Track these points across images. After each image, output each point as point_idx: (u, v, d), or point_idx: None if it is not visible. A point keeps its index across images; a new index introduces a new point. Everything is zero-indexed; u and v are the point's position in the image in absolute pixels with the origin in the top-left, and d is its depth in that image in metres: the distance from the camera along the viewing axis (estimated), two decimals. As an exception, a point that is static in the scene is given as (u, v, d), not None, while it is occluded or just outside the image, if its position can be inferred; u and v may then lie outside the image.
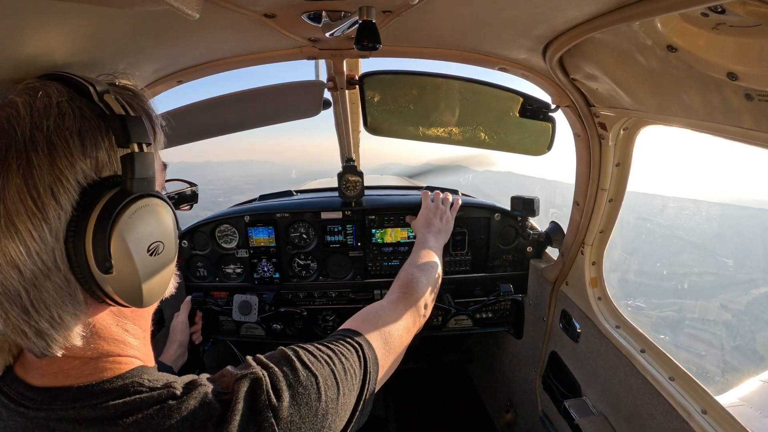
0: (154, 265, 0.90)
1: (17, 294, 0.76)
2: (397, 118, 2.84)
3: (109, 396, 0.85)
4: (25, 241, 0.74)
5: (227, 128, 2.91)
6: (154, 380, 0.90)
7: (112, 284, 0.83)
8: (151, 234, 0.89)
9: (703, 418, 1.85)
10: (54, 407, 0.84)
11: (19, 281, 0.76)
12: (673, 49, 1.34)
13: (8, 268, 0.75)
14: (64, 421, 0.83)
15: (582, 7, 1.35)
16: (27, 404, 0.85)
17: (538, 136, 2.67)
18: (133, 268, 0.85)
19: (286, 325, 3.34)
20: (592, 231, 2.54)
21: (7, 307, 0.78)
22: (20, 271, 0.75)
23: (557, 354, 2.99)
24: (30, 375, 0.89)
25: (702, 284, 18.23)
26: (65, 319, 0.82)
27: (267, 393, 0.94)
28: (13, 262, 0.75)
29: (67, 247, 0.79)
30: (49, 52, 1.15)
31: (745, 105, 1.28)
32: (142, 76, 1.88)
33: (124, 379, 0.88)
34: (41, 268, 0.77)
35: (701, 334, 16.32)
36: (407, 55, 2.20)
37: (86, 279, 0.81)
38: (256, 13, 1.46)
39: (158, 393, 0.87)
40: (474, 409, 4.47)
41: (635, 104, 1.84)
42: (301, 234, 3.33)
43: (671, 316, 16.12)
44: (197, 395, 0.89)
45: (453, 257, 3.37)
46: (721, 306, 17.72)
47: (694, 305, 17.28)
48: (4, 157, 0.74)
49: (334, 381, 1.07)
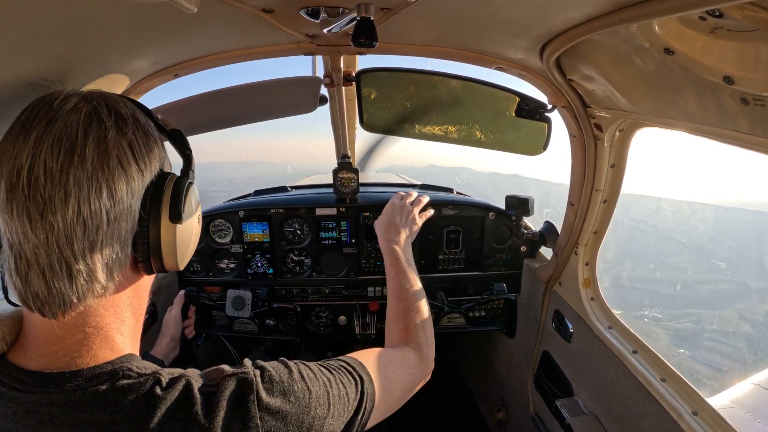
0: (197, 231, 1.18)
1: (98, 225, 0.88)
2: (393, 116, 2.83)
3: (98, 380, 0.90)
4: (128, 180, 0.93)
5: (224, 123, 2.90)
6: (142, 368, 0.96)
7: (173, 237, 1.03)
8: (197, 208, 1.17)
9: (694, 420, 1.86)
10: (45, 391, 0.88)
11: (108, 213, 0.89)
12: (670, 51, 1.34)
13: (108, 197, 0.89)
14: (54, 405, 0.87)
15: (580, 8, 1.35)
16: (20, 388, 0.88)
17: (534, 136, 2.67)
18: (190, 226, 1.11)
19: (279, 321, 3.33)
20: (586, 231, 2.55)
21: (78, 236, 0.87)
22: (114, 204, 0.90)
23: (549, 354, 3.00)
24: (25, 359, 0.93)
25: (719, 293, 18.23)
26: (114, 266, 0.94)
27: (257, 393, 0.98)
28: (113, 193, 0.90)
29: (144, 199, 0.98)
30: (49, 41, 1.15)
31: (741, 109, 1.28)
32: (138, 68, 1.87)
33: (113, 365, 0.94)
34: (126, 208, 0.93)
35: (720, 346, 16.27)
36: (404, 53, 2.20)
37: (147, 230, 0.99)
38: (254, 8, 1.45)
39: (145, 379, 0.93)
40: (466, 408, 4.48)
41: (631, 106, 1.84)
42: (296, 230, 3.32)
43: (690, 328, 16.06)
44: (183, 386, 0.94)
45: (447, 255, 3.37)
46: (739, 316, 17.70)
47: (712, 315, 17.20)
48: (120, 122, 0.94)
49: (327, 401, 1.11)
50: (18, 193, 0.83)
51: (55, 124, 0.87)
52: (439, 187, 3.89)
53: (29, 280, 0.87)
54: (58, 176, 0.84)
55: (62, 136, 0.86)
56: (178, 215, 1.01)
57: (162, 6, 1.02)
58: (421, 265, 3.39)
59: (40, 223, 0.84)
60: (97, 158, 0.87)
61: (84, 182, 0.85)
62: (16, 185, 0.84)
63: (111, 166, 0.89)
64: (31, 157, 0.84)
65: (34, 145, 0.85)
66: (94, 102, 0.93)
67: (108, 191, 0.88)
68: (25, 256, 0.86)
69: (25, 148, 0.85)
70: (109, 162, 0.89)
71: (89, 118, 0.90)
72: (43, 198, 0.83)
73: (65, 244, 0.86)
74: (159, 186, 1.01)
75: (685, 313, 16.79)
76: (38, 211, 0.83)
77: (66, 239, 0.85)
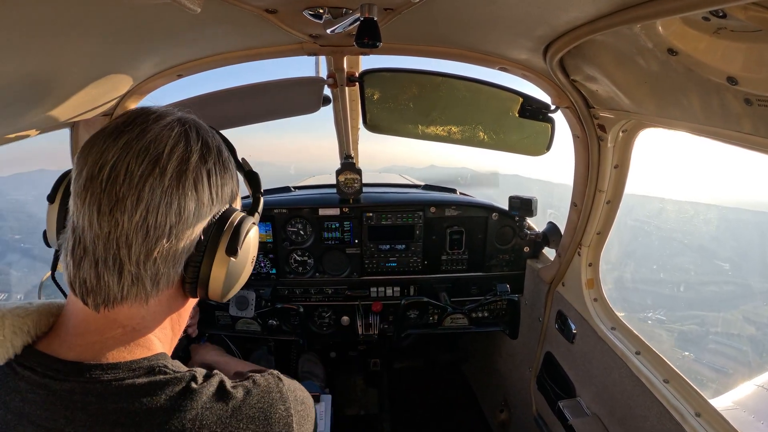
0: (248, 270, 1.17)
1: (159, 236, 0.91)
2: (396, 116, 2.83)
3: (136, 374, 0.94)
4: (199, 203, 0.96)
5: (227, 123, 2.90)
6: (177, 366, 1.00)
7: (224, 269, 1.04)
8: (255, 248, 1.18)
9: (697, 421, 1.86)
10: (80, 380, 0.90)
11: (172, 227, 0.92)
12: (674, 52, 1.34)
13: (176, 212, 0.92)
14: (90, 395, 0.90)
15: (583, 9, 1.35)
16: (53, 375, 0.91)
17: (537, 137, 2.67)
18: (243, 262, 1.11)
19: (282, 322, 3.34)
20: (589, 232, 2.55)
21: (138, 241, 0.90)
22: (179, 220, 0.93)
23: (552, 354, 3.00)
24: (61, 348, 0.95)
25: (722, 294, 18.05)
26: (162, 281, 0.96)
27: (283, 395, 1.08)
28: (183, 210, 0.93)
29: (208, 227, 1.01)
30: (53, 40, 1.15)
31: (745, 109, 1.28)
32: (142, 68, 1.88)
33: (150, 361, 0.97)
34: (190, 227, 0.96)
35: (726, 349, 16.12)
36: (408, 53, 2.20)
37: (201, 256, 1.01)
38: (258, 8, 1.46)
39: (182, 375, 0.97)
40: (469, 409, 4.48)
41: (635, 106, 1.84)
42: (299, 230, 3.33)
43: (694, 330, 15.92)
44: (217, 382, 1.00)
45: (450, 256, 3.38)
46: (744, 318, 17.54)
47: (716, 317, 17.04)
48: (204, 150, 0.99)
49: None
50: (95, 184, 0.87)
51: (146, 135, 0.92)
52: (442, 188, 3.89)
53: (82, 265, 0.90)
54: (136, 181, 0.88)
55: (150, 146, 0.91)
56: (234, 250, 1.04)
57: (165, 6, 1.02)
58: (424, 265, 3.39)
59: (107, 217, 0.88)
60: (176, 175, 0.91)
61: (158, 193, 0.89)
62: (96, 177, 0.88)
63: (186, 186, 0.93)
64: (116, 158, 0.88)
65: (123, 147, 0.89)
66: (186, 125, 0.99)
67: (178, 208, 0.92)
68: (83, 243, 0.90)
69: (114, 148, 0.89)
70: (186, 182, 0.93)
71: (178, 137, 0.95)
72: (117, 196, 0.87)
73: (124, 244, 0.89)
74: (224, 218, 1.04)
75: (690, 315, 16.68)
76: (109, 206, 0.87)
77: (126, 240, 0.89)
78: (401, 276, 3.43)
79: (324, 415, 2.74)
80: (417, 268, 3.42)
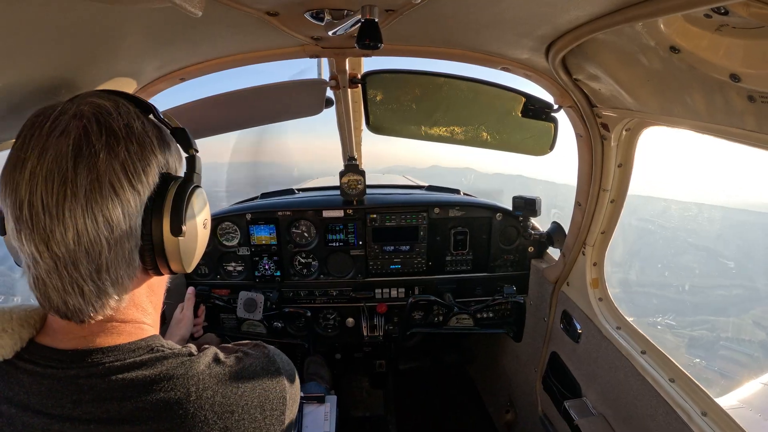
0: (203, 236, 1.17)
1: (100, 251, 0.90)
2: (399, 117, 2.83)
3: (137, 353, 0.99)
4: (123, 204, 0.92)
5: (230, 126, 2.91)
6: (170, 344, 1.06)
7: (177, 247, 1.04)
8: (203, 211, 1.16)
9: (703, 420, 1.85)
10: (83, 365, 0.94)
11: (107, 239, 0.91)
12: (676, 50, 1.34)
13: (104, 224, 0.90)
14: (94, 377, 0.94)
15: (585, 8, 1.35)
16: (55, 365, 0.95)
17: (540, 137, 2.66)
18: (194, 234, 1.10)
19: (288, 324, 3.34)
20: (593, 232, 2.54)
21: (83, 262, 0.90)
22: (112, 230, 0.91)
23: (557, 354, 2.99)
24: (57, 341, 0.99)
25: (731, 298, 17.90)
26: (124, 280, 0.97)
27: (271, 358, 1.16)
28: (109, 220, 0.90)
29: (145, 215, 0.98)
30: (55, 46, 1.15)
31: (748, 107, 1.28)
32: (144, 72, 1.88)
33: (146, 341, 1.03)
34: (126, 230, 0.94)
35: (737, 355, 15.97)
36: (410, 54, 2.20)
37: (151, 244, 1.01)
38: (259, 11, 1.46)
39: (179, 351, 1.04)
40: (474, 409, 4.47)
41: (638, 105, 1.83)
42: (303, 232, 3.33)
43: (705, 336, 15.78)
44: (211, 353, 1.07)
45: (454, 257, 3.37)
46: (753, 323, 17.39)
47: (726, 322, 16.89)
48: (111, 141, 0.93)
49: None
50: (23, 225, 0.88)
51: (46, 155, 0.88)
52: (446, 189, 3.89)
53: (48, 295, 0.92)
54: (55, 211, 0.87)
55: (54, 167, 0.87)
56: (179, 228, 1.03)
57: (167, 10, 1.03)
58: (429, 266, 3.39)
59: (47, 252, 0.88)
60: (90, 188, 0.89)
61: (80, 214, 0.88)
62: (20, 218, 0.88)
63: (104, 194, 0.90)
64: (29, 192, 0.87)
65: (30, 178, 0.87)
66: (84, 120, 0.93)
67: (104, 219, 0.90)
68: (40, 276, 0.91)
69: (23, 181, 0.87)
70: (102, 191, 0.90)
71: (79, 142, 0.90)
72: (45, 231, 0.87)
73: (73, 270, 0.90)
74: (160, 196, 1.01)
75: (700, 320, 16.55)
76: (44, 243, 0.88)
77: (73, 266, 0.90)
78: (406, 277, 3.42)
79: (329, 416, 2.74)
80: (421, 269, 3.41)
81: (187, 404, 0.96)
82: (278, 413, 1.10)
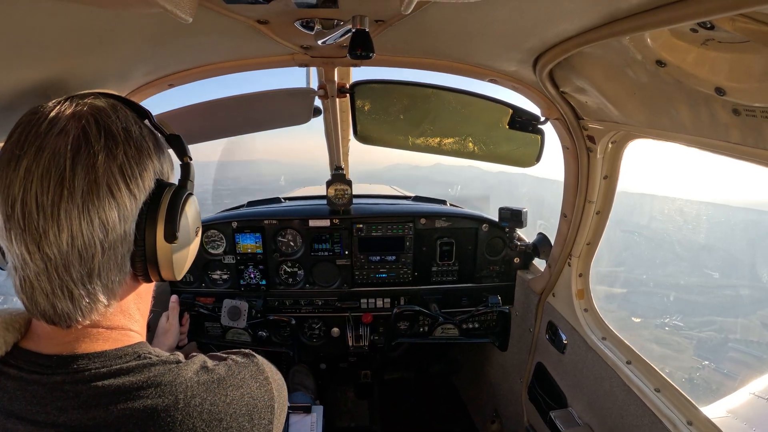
0: (195, 244, 1.19)
1: (93, 254, 0.90)
2: (387, 128, 2.84)
3: (123, 359, 0.97)
4: (120, 208, 0.92)
5: (218, 133, 2.89)
6: (157, 352, 1.05)
7: (169, 254, 1.04)
8: (195, 220, 1.17)
9: (689, 430, 1.86)
10: (68, 371, 0.92)
11: (102, 242, 0.90)
12: (663, 63, 1.36)
13: (100, 227, 0.89)
14: (79, 383, 0.91)
15: (572, 21, 1.37)
16: (40, 371, 0.92)
17: (527, 148, 2.69)
18: (187, 242, 1.11)
19: (272, 333, 3.31)
20: (579, 243, 2.56)
21: (75, 266, 0.88)
22: (107, 233, 0.91)
23: (543, 365, 3.00)
24: (41, 346, 0.97)
25: (738, 299, 17.99)
26: (114, 286, 0.96)
27: (260, 366, 1.15)
28: (105, 223, 0.90)
29: (140, 219, 0.98)
30: (44, 50, 1.14)
31: (733, 120, 1.30)
32: (133, 77, 1.87)
33: (133, 348, 1.01)
34: (120, 234, 0.93)
35: (746, 358, 16.01)
36: (399, 65, 2.21)
37: (144, 249, 1.00)
38: (249, 19, 1.46)
39: (166, 358, 1.02)
40: (460, 420, 4.46)
41: (624, 118, 1.86)
42: (289, 241, 3.31)
43: (713, 337, 15.81)
44: (198, 361, 1.06)
45: (440, 267, 3.38)
46: (762, 324, 17.46)
47: (734, 323, 16.94)
48: (110, 143, 0.92)
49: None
50: (14, 224, 0.85)
51: (43, 153, 0.86)
52: (432, 199, 3.90)
53: (35, 299, 0.90)
54: (50, 211, 0.85)
55: (51, 166, 0.86)
56: (173, 235, 1.02)
57: (157, 16, 1.02)
58: (415, 277, 3.39)
59: (38, 253, 0.86)
60: (87, 189, 0.87)
61: (75, 216, 0.86)
62: (11, 216, 0.85)
63: (101, 196, 0.89)
64: (23, 190, 0.85)
65: (25, 176, 0.85)
66: (83, 120, 0.92)
67: (100, 222, 0.89)
68: (28, 279, 0.88)
69: (17, 178, 0.85)
70: (99, 192, 0.89)
71: (77, 142, 0.89)
72: (38, 231, 0.85)
73: (64, 273, 0.88)
74: (155, 202, 1.01)
75: (708, 321, 16.64)
76: (35, 243, 0.86)
77: (64, 268, 0.88)
78: (391, 287, 3.42)
79: (315, 427, 2.71)
80: (407, 280, 3.41)
81: (174, 411, 0.94)
82: (266, 422, 1.08)
